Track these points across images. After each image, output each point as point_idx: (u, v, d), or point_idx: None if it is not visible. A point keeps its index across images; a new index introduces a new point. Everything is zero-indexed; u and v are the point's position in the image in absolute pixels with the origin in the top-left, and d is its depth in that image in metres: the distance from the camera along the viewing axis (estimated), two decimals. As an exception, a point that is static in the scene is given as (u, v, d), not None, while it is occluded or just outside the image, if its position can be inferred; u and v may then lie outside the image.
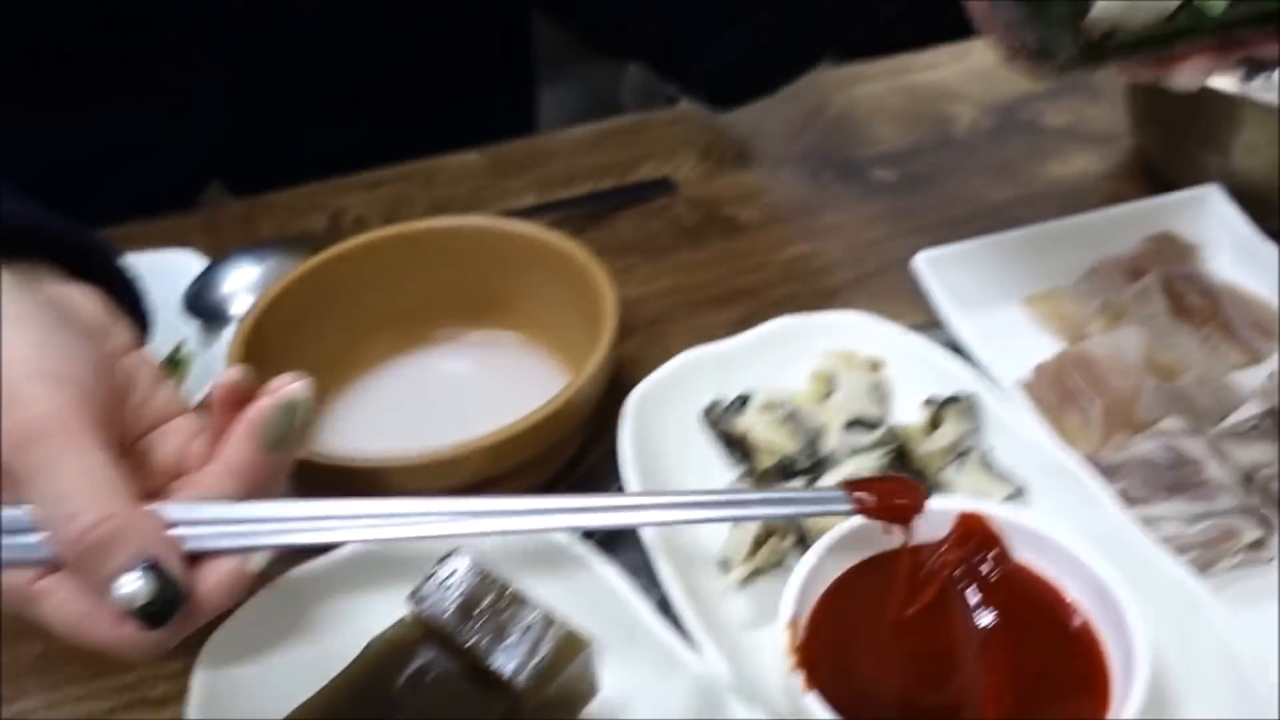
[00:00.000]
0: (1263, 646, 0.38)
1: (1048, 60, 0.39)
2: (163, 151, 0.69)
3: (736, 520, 0.41)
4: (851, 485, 0.36)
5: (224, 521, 0.35)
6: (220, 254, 0.59)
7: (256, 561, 0.35)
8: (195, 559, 0.34)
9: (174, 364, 0.55)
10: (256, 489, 0.35)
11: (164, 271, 0.58)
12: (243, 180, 0.72)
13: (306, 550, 0.40)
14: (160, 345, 0.55)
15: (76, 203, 0.65)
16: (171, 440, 0.38)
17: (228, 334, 0.52)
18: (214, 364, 0.51)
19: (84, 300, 0.38)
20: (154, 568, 0.32)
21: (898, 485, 0.37)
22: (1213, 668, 0.37)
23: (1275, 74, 0.39)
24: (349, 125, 0.73)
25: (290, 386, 0.35)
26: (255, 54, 0.67)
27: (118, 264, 0.43)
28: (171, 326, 0.56)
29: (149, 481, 0.37)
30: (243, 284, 0.57)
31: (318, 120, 0.72)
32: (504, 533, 0.37)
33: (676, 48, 0.49)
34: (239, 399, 0.36)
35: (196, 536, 0.34)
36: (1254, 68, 0.39)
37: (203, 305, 0.57)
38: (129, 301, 0.43)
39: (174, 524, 0.34)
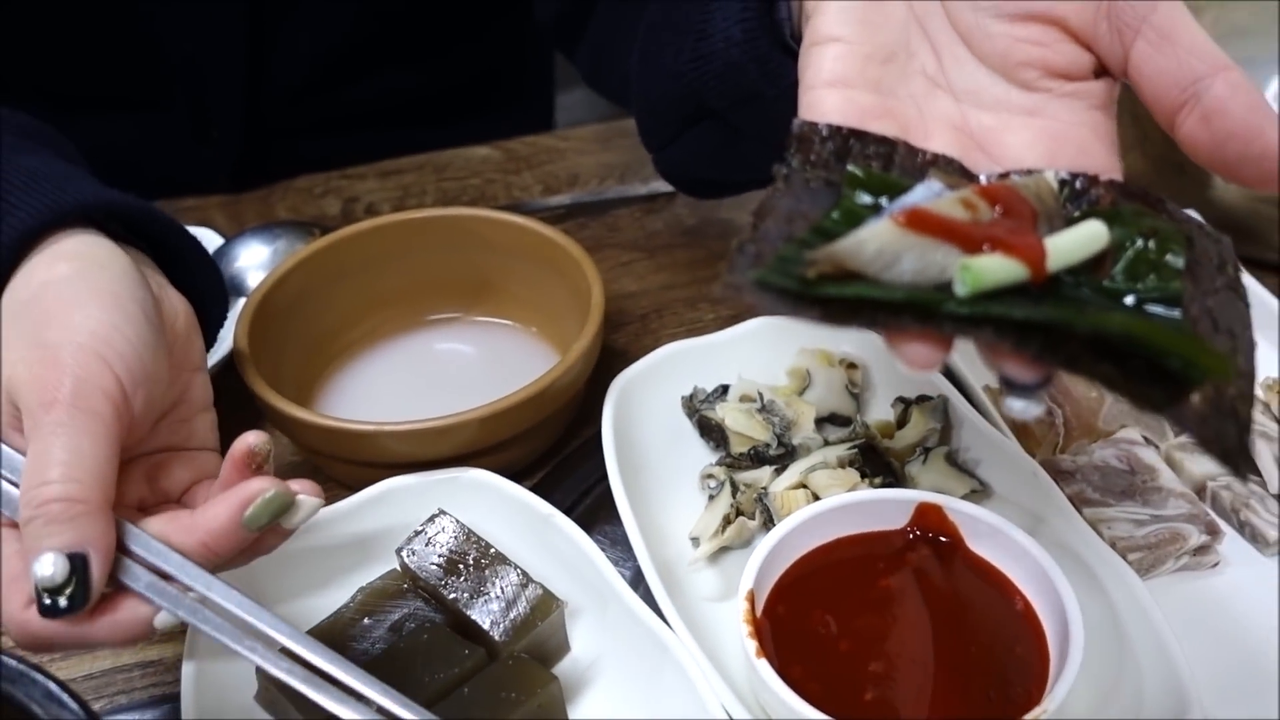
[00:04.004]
0: (1197, 644, 0.40)
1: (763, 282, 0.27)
2: (180, 158, 0.72)
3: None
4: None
5: (167, 576, 0.34)
6: (238, 233, 0.62)
7: (165, 621, 0.33)
8: (119, 590, 0.33)
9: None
10: (220, 556, 0.35)
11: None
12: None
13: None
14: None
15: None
16: (186, 471, 0.38)
17: (238, 308, 0.55)
18: (224, 335, 0.54)
19: (179, 306, 0.39)
20: (79, 561, 0.31)
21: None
22: (1148, 661, 0.40)
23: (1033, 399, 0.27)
24: (364, 136, 0.75)
25: (295, 487, 0.35)
26: (261, 74, 0.70)
27: (220, 287, 0.45)
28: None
29: (144, 494, 0.37)
30: (255, 261, 0.60)
31: (333, 132, 0.75)
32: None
33: (642, 135, 0.52)
34: (252, 464, 0.36)
35: (133, 572, 0.33)
36: (1011, 387, 0.27)
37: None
38: (213, 319, 0.45)
39: (127, 548, 0.34)
